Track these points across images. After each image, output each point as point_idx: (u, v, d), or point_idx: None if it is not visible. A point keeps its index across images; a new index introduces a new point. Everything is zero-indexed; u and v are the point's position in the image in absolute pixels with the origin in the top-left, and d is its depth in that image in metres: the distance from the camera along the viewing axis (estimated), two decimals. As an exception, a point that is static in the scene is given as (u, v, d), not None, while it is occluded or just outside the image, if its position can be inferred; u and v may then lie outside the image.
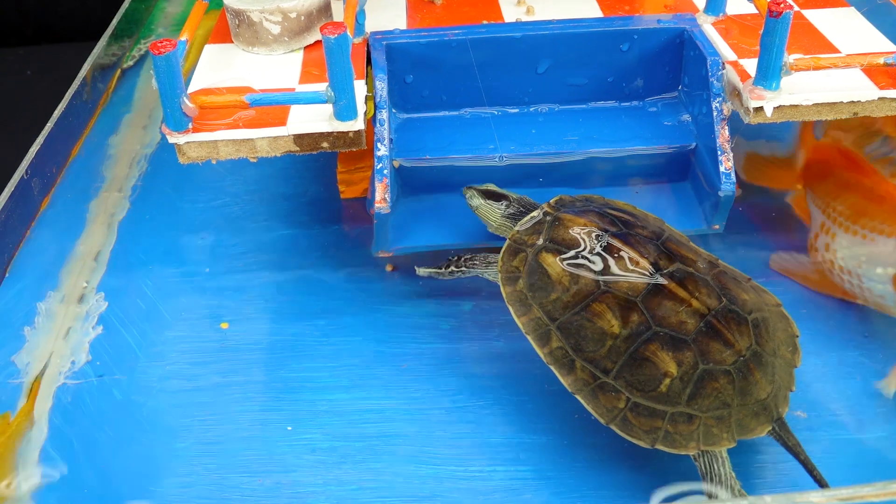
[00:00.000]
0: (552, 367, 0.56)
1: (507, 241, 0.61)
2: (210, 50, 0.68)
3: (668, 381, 0.53)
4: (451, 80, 0.70)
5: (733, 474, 0.54)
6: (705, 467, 0.54)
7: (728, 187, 0.64)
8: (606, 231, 0.58)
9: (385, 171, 0.63)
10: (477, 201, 0.65)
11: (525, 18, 0.71)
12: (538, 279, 0.58)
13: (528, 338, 0.57)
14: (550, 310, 0.57)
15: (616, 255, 0.57)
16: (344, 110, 0.59)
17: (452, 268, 0.65)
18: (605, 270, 0.56)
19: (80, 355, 0.65)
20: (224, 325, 0.68)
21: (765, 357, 0.55)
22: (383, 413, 0.62)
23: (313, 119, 0.60)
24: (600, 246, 0.57)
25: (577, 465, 0.58)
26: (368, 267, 0.72)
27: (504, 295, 0.59)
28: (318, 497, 0.57)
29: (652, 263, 0.56)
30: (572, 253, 0.58)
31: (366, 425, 0.61)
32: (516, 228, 0.62)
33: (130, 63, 0.93)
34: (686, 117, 0.70)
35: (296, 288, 0.71)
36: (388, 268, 0.73)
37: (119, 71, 0.92)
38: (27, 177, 0.71)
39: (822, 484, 0.53)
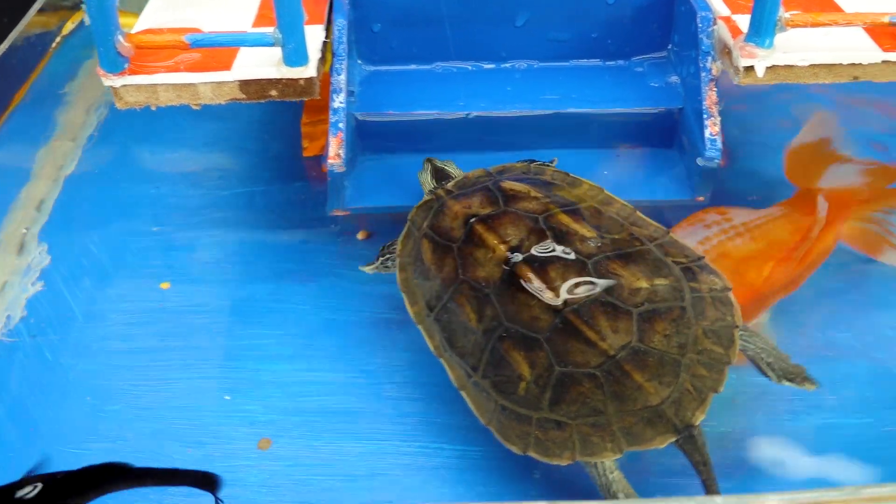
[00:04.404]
0: (441, 361, 0.52)
1: (406, 224, 0.57)
2: (164, -11, 0.64)
3: (523, 384, 0.48)
4: (422, 31, 0.65)
5: (621, 480, 0.48)
6: (591, 475, 0.49)
7: (713, 154, 0.59)
8: (476, 215, 0.53)
9: (340, 125, 0.59)
10: (424, 176, 0.61)
11: (503, -35, 0.65)
12: (420, 266, 0.54)
13: (419, 328, 0.53)
14: (429, 300, 0.52)
15: (476, 241, 0.52)
16: (293, 55, 0.54)
17: (382, 257, 0.60)
18: (464, 257, 0.51)
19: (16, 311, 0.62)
20: (165, 286, 0.64)
21: (656, 356, 0.47)
22: (328, 386, 0.58)
23: (261, 64, 0.55)
24: (465, 232, 0.52)
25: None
26: (328, 229, 0.67)
27: (398, 282, 0.55)
28: (251, 471, 0.53)
29: (512, 248, 0.50)
30: (441, 241, 0.53)
31: (308, 398, 0.57)
32: (413, 210, 0.57)
33: None
34: (674, 79, 0.65)
35: (248, 248, 0.66)
36: (361, 235, 0.68)
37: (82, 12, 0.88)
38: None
39: None
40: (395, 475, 0.53)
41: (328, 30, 0.60)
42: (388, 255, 0.59)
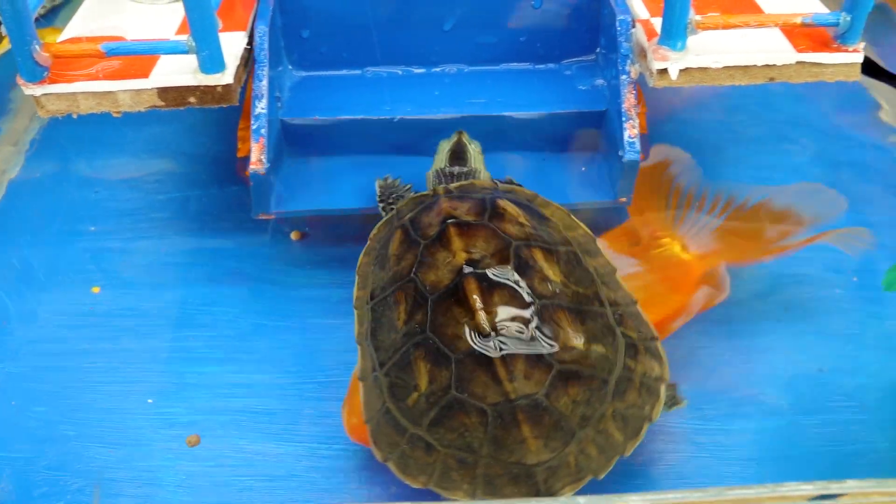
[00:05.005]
0: (358, 349, 0.51)
1: (391, 213, 0.56)
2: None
3: (415, 395, 0.47)
4: (352, 37, 0.66)
5: None
6: None
7: (632, 156, 0.59)
8: (453, 219, 0.51)
9: (262, 131, 0.59)
10: (444, 145, 0.60)
11: (428, -29, 0.66)
12: (382, 254, 0.53)
13: (355, 314, 0.52)
14: (375, 288, 0.52)
15: (443, 242, 0.50)
16: (208, 61, 0.55)
17: (388, 204, 0.60)
18: (424, 257, 0.50)
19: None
20: (96, 290, 0.64)
21: (554, 417, 0.46)
22: (253, 387, 0.58)
23: (178, 72, 0.56)
24: (437, 232, 0.51)
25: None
26: (261, 233, 0.68)
27: (358, 264, 0.54)
28: (168, 471, 0.54)
29: (471, 260, 0.48)
30: (413, 234, 0.52)
31: (233, 399, 0.58)
32: (405, 199, 0.56)
33: (41, 11, 0.89)
34: (601, 82, 0.65)
35: (182, 252, 0.67)
36: (294, 236, 0.69)
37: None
38: None
39: None
40: (313, 477, 0.54)
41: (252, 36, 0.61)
42: (391, 204, 0.59)
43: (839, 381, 0.58)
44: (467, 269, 0.48)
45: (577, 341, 0.47)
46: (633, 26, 0.60)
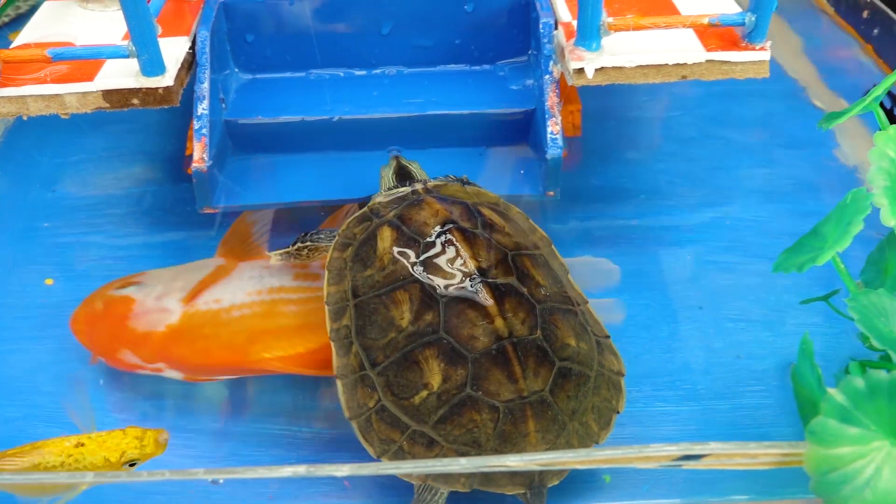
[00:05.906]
0: (333, 345, 0.52)
1: (364, 209, 0.57)
2: (47, 6, 0.68)
3: (424, 393, 0.48)
4: (295, 41, 0.69)
5: None
6: (418, 494, 0.50)
7: (554, 152, 0.63)
8: (455, 223, 0.53)
9: (204, 131, 0.63)
10: (386, 171, 0.61)
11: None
12: (364, 251, 0.54)
13: (326, 309, 0.53)
14: (359, 285, 0.52)
15: (448, 249, 0.51)
16: (148, 65, 0.58)
17: (298, 244, 0.61)
18: (428, 259, 0.51)
19: None
20: (49, 282, 0.68)
21: (553, 412, 0.49)
22: (198, 371, 0.62)
23: (121, 75, 0.59)
24: (439, 235, 0.52)
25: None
26: (210, 225, 0.72)
27: (327, 259, 0.55)
28: (116, 452, 0.57)
29: (480, 268, 0.51)
30: (409, 233, 0.53)
31: (177, 384, 0.60)
32: (378, 199, 0.57)
33: (5, 20, 0.92)
34: (531, 82, 0.69)
35: (135, 244, 0.71)
36: None
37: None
38: None
39: None
40: (256, 457, 0.57)
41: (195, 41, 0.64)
42: (307, 244, 0.60)
43: (752, 366, 0.61)
44: (478, 277, 0.50)
45: (570, 340, 0.51)
46: (557, 28, 0.64)
